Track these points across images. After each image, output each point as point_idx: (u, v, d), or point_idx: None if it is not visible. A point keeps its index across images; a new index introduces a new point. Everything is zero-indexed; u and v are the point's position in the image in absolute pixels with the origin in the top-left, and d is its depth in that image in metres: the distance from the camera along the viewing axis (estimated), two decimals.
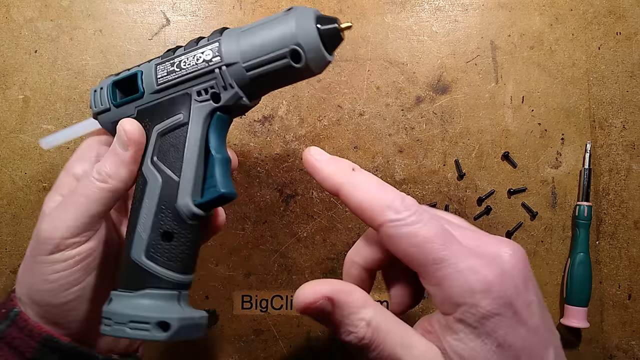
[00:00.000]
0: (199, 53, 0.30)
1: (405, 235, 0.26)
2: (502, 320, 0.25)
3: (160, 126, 0.32)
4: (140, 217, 0.30)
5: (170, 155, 0.31)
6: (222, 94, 0.30)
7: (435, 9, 0.48)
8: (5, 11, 0.46)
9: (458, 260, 0.25)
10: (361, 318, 0.26)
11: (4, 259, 0.46)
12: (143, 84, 0.32)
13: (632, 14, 0.48)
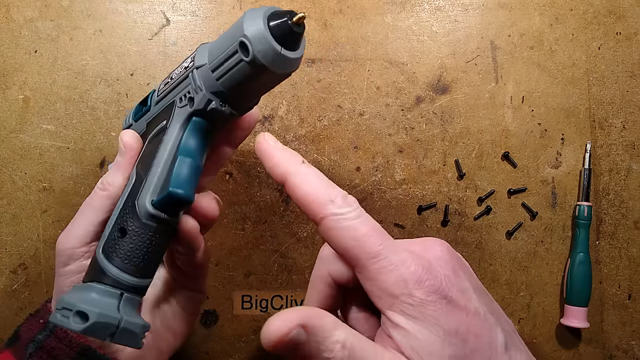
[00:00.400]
0: (184, 62, 0.33)
1: (345, 229, 0.27)
2: (439, 307, 0.26)
3: (151, 133, 0.34)
4: (112, 215, 0.31)
5: (147, 157, 0.32)
6: (195, 97, 0.30)
7: (435, 9, 0.48)
8: (5, 11, 0.46)
9: (392, 254, 0.27)
10: (335, 340, 0.25)
11: (4, 259, 0.46)
12: (150, 99, 0.35)
13: (632, 14, 0.48)
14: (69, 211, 0.46)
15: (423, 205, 0.47)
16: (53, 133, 0.46)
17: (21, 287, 0.46)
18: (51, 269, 0.46)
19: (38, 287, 0.46)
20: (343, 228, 0.27)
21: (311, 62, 0.47)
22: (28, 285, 0.46)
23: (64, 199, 0.46)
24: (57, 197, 0.46)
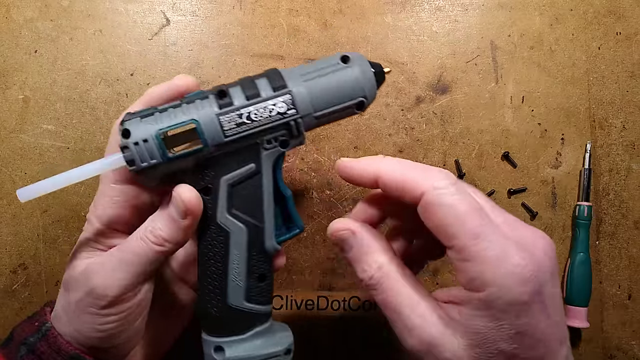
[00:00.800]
0: (270, 105, 0.30)
1: (446, 204, 0.26)
2: (528, 309, 0.25)
3: (230, 177, 0.31)
4: (230, 267, 0.31)
5: (249, 204, 0.32)
6: (291, 141, 0.32)
7: (435, 9, 0.48)
8: (5, 11, 0.46)
9: (495, 240, 0.25)
10: (375, 260, 0.29)
11: (4, 259, 0.46)
12: (204, 135, 0.30)
13: (632, 14, 0.48)
14: (69, 211, 0.46)
15: None
16: (53, 133, 0.46)
17: (21, 287, 0.46)
18: (51, 268, 0.46)
19: (38, 287, 0.46)
20: (443, 204, 0.26)
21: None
22: (28, 285, 0.46)
23: (64, 199, 0.46)
24: (57, 197, 0.46)
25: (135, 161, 0.29)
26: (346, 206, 0.47)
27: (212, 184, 0.31)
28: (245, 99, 0.30)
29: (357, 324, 0.47)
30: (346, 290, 0.47)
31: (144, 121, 0.30)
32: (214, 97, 0.30)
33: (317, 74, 0.31)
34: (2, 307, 0.45)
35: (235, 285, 0.31)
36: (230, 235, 0.31)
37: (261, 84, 0.31)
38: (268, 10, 0.47)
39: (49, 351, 0.31)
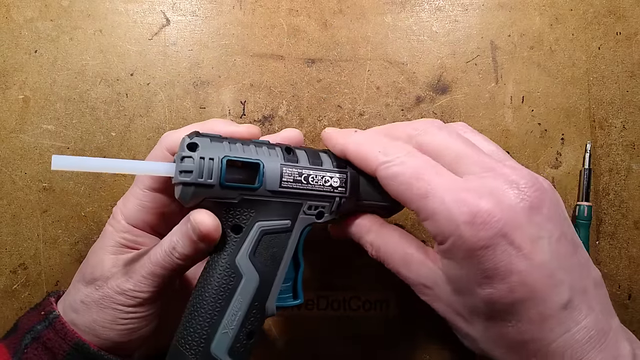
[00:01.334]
0: (327, 176, 0.33)
1: (393, 175, 0.29)
2: (493, 253, 0.26)
3: (266, 225, 0.32)
4: (227, 313, 0.30)
5: (270, 257, 0.32)
6: (326, 215, 0.34)
7: (435, 9, 0.48)
8: (5, 11, 0.46)
9: (445, 193, 0.27)
10: (365, 241, 0.34)
11: (4, 259, 0.46)
12: (264, 177, 0.31)
13: (632, 14, 0.48)
14: (69, 211, 0.46)
15: None
16: (53, 133, 0.46)
17: (21, 287, 0.46)
18: (51, 268, 0.46)
19: (38, 287, 0.46)
20: (391, 175, 0.29)
21: (311, 62, 0.47)
22: (28, 285, 0.46)
23: (64, 199, 0.46)
24: (57, 197, 0.46)
25: (192, 173, 0.29)
26: None
27: (246, 224, 0.31)
28: (309, 163, 0.33)
29: (357, 324, 0.47)
30: (346, 290, 0.47)
31: (213, 144, 0.30)
32: (280, 150, 0.33)
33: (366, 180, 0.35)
34: (2, 307, 0.45)
35: (224, 334, 0.30)
36: (241, 280, 0.31)
37: (324, 158, 0.34)
38: (268, 10, 0.47)
39: (56, 338, 0.32)
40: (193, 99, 0.46)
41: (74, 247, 0.46)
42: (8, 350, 0.32)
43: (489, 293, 0.26)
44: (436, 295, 0.30)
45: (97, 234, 0.46)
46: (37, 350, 0.32)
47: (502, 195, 0.26)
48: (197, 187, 0.30)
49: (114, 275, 0.33)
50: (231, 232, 0.31)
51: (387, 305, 0.47)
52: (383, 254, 0.32)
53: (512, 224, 0.26)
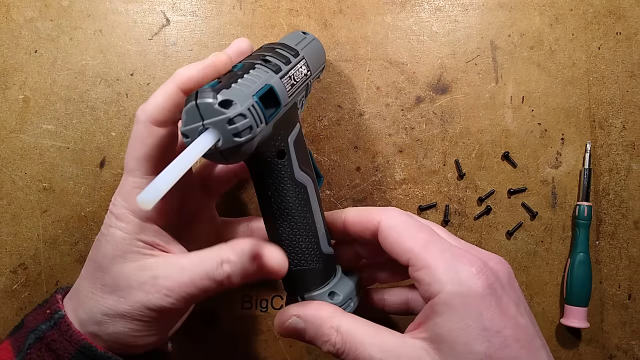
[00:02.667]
0: (299, 66, 0.34)
1: (399, 224, 0.31)
2: (488, 303, 0.26)
3: (292, 136, 0.33)
4: (316, 219, 0.34)
5: (305, 158, 0.34)
6: (304, 100, 0.36)
7: (435, 9, 0.48)
8: (5, 11, 0.46)
9: (445, 247, 0.29)
10: (330, 326, 0.29)
11: (4, 259, 0.46)
12: (280, 97, 0.30)
13: (632, 14, 0.48)
14: (69, 211, 0.46)
15: (423, 205, 0.47)
16: (53, 133, 0.46)
17: (21, 287, 0.46)
18: (51, 268, 0.46)
19: (38, 287, 0.46)
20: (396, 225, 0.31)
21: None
22: (28, 285, 0.46)
23: (64, 199, 0.46)
24: (57, 197, 0.46)
25: (251, 129, 0.27)
26: (346, 206, 0.47)
27: (284, 146, 0.32)
28: (285, 65, 0.33)
29: None
30: None
31: (232, 89, 0.27)
32: (263, 65, 0.31)
33: (303, 45, 0.37)
34: (2, 307, 0.45)
35: (323, 234, 0.34)
36: (307, 189, 0.33)
37: (285, 52, 0.34)
38: (268, 10, 0.47)
39: (60, 339, 0.30)
40: None
41: (74, 247, 0.46)
42: (12, 348, 0.31)
43: (486, 348, 0.26)
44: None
45: (97, 234, 0.46)
46: (40, 351, 0.30)
47: (490, 262, 0.29)
48: (255, 139, 0.28)
49: (142, 288, 0.29)
50: (278, 160, 0.32)
51: None
52: (352, 339, 0.29)
53: (499, 284, 0.27)
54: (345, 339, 0.29)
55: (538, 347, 0.27)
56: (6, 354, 0.31)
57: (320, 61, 0.39)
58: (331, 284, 0.34)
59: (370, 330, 0.29)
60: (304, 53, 0.36)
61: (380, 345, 0.28)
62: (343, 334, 0.29)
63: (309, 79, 0.36)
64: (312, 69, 0.36)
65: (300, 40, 0.37)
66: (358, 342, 0.28)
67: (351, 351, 0.28)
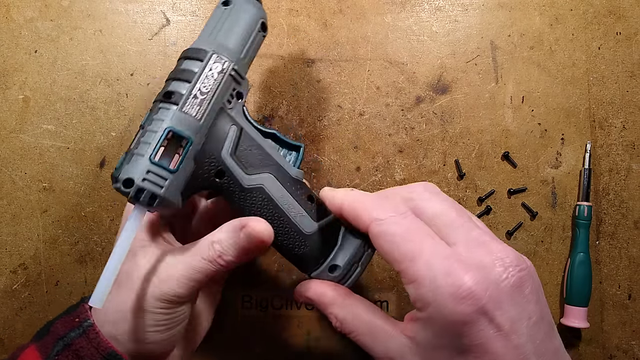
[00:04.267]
0: (208, 71, 0.32)
1: (386, 233, 0.29)
2: (471, 329, 0.25)
3: (227, 148, 0.33)
4: (285, 209, 0.34)
5: (256, 156, 0.34)
6: (241, 89, 0.34)
7: (435, 9, 0.48)
8: (5, 11, 0.46)
9: (434, 260, 0.27)
10: (330, 312, 0.33)
11: (4, 259, 0.46)
12: (184, 132, 0.30)
13: (632, 14, 0.48)
14: (69, 211, 0.46)
15: None
16: (53, 133, 0.46)
17: (21, 287, 0.46)
18: (51, 268, 0.46)
19: (38, 287, 0.46)
20: (383, 233, 0.29)
21: (311, 62, 0.47)
22: (28, 285, 0.46)
23: (64, 199, 0.46)
24: (57, 197, 0.46)
25: (154, 196, 0.29)
26: None
27: (219, 164, 0.32)
28: (188, 83, 0.32)
29: None
30: None
31: (131, 162, 0.30)
32: (163, 102, 0.31)
33: (219, 27, 0.34)
34: (2, 307, 0.45)
35: (301, 217, 0.34)
36: (264, 189, 0.33)
37: (188, 65, 0.33)
38: (268, 10, 0.47)
39: (88, 347, 0.31)
40: None
41: (74, 247, 0.46)
42: (40, 353, 0.32)
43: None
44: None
45: (97, 234, 0.46)
46: (67, 358, 0.31)
47: (488, 271, 0.26)
48: (169, 192, 0.30)
49: (146, 280, 0.32)
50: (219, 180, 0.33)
51: (387, 305, 0.47)
52: (348, 327, 0.31)
53: (494, 302, 0.25)
54: (343, 325, 0.32)
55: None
56: (34, 359, 0.32)
57: (251, 26, 0.35)
58: (331, 256, 0.35)
59: (365, 320, 0.31)
60: (217, 42, 0.33)
61: (372, 335, 0.30)
62: (341, 322, 0.32)
63: (229, 69, 0.33)
64: (235, 52, 0.33)
65: (214, 28, 0.34)
66: (354, 330, 0.31)
67: (350, 335, 0.32)
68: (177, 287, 0.31)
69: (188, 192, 0.32)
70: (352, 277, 0.35)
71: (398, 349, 0.29)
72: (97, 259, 0.46)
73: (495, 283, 0.26)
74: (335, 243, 0.35)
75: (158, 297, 0.31)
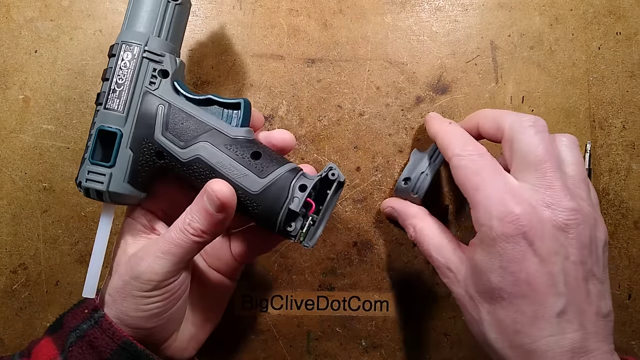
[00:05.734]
0: (120, 63, 0.34)
1: (461, 167, 0.35)
2: (513, 249, 0.31)
3: (158, 130, 0.33)
4: (226, 174, 0.33)
5: (190, 126, 0.34)
6: (164, 66, 0.34)
7: (435, 9, 0.48)
8: (5, 11, 0.46)
9: (492, 191, 0.32)
10: (410, 223, 0.40)
11: (4, 259, 0.46)
12: (114, 126, 0.33)
13: (632, 14, 0.48)
14: (69, 211, 0.46)
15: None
16: (53, 133, 0.46)
17: (21, 287, 0.46)
18: (51, 268, 0.46)
19: (38, 287, 0.46)
20: (459, 166, 0.35)
21: (311, 62, 0.47)
22: (28, 285, 0.46)
23: (64, 199, 0.46)
24: (57, 197, 0.46)
25: (99, 192, 0.33)
26: (346, 206, 0.47)
27: (155, 145, 0.33)
28: (106, 80, 0.34)
29: (357, 324, 0.47)
30: (346, 290, 0.47)
31: (81, 167, 0.34)
32: (96, 104, 0.34)
33: (127, 14, 0.35)
34: (2, 307, 0.45)
35: (244, 178, 0.33)
36: (200, 157, 0.33)
37: (109, 63, 0.34)
38: (268, 10, 0.47)
39: (103, 337, 0.32)
40: None
41: (74, 247, 0.46)
42: (55, 345, 0.33)
43: (499, 281, 0.31)
44: (456, 278, 0.35)
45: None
46: (81, 348, 0.32)
47: (538, 209, 0.31)
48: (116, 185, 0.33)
49: (129, 260, 0.34)
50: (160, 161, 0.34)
51: (387, 305, 0.47)
52: (421, 237, 0.38)
53: (536, 231, 0.30)
54: (418, 235, 0.39)
55: (556, 293, 0.30)
56: (51, 352, 0.33)
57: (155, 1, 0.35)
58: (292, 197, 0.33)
59: (437, 235, 0.37)
60: (126, 33, 0.34)
61: (439, 248, 0.37)
62: (417, 232, 0.39)
63: (140, 54, 0.34)
64: (144, 34, 0.34)
65: (125, 17, 0.35)
66: (425, 241, 0.38)
67: (420, 245, 0.38)
68: (154, 262, 0.32)
69: (138, 179, 0.34)
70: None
71: (456, 262, 0.35)
72: None
73: (540, 219, 0.31)
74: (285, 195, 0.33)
75: (136, 276, 0.32)
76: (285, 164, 0.34)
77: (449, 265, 0.35)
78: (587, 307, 0.31)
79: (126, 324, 0.33)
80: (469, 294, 0.34)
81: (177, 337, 0.37)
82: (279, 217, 0.33)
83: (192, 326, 0.38)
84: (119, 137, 0.33)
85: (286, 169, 0.34)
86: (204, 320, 0.39)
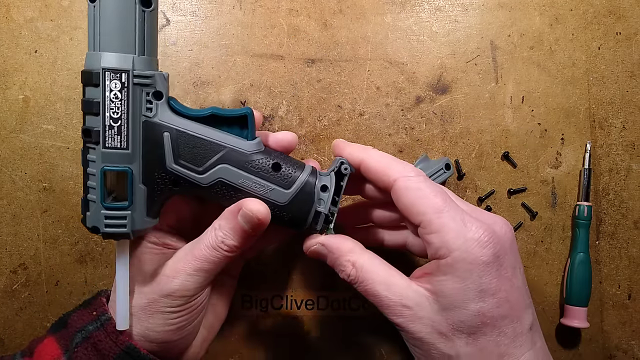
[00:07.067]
0: (109, 94, 0.30)
1: (414, 187, 0.32)
2: (490, 269, 0.29)
3: (169, 158, 0.32)
4: (253, 191, 0.33)
5: (202, 152, 0.32)
6: (156, 87, 0.32)
7: (435, 9, 0.48)
8: (5, 11, 0.46)
9: (456, 214, 0.31)
10: (347, 260, 0.33)
11: (4, 259, 0.46)
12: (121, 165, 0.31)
13: (632, 14, 0.48)
14: (69, 211, 0.46)
15: None
16: (53, 133, 0.46)
17: (21, 287, 0.46)
18: (51, 269, 0.46)
19: (38, 287, 0.46)
20: (412, 187, 0.32)
21: (311, 62, 0.47)
22: (28, 285, 0.46)
23: (64, 199, 0.46)
24: (57, 197, 0.46)
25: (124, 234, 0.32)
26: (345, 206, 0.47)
27: (170, 175, 0.32)
28: (97, 116, 0.30)
29: (357, 324, 0.47)
30: (346, 290, 0.47)
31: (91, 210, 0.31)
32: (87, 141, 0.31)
33: (97, 31, 0.30)
34: (2, 307, 0.45)
35: (271, 192, 0.33)
36: (223, 180, 0.33)
37: (90, 93, 0.31)
38: (268, 10, 0.47)
39: (107, 340, 0.33)
40: (193, 99, 0.46)
41: (74, 247, 0.46)
42: (59, 345, 0.33)
43: (480, 307, 0.29)
44: (416, 316, 0.31)
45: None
46: (86, 350, 0.32)
47: (496, 227, 0.31)
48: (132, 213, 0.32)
49: (157, 279, 0.33)
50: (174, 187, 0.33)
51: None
52: (363, 274, 0.33)
53: (503, 250, 0.30)
54: (358, 273, 0.33)
55: (526, 305, 0.31)
56: (54, 351, 0.33)
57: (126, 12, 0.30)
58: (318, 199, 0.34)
59: (381, 270, 0.33)
60: (104, 54, 0.30)
61: (388, 285, 0.32)
62: (358, 269, 0.33)
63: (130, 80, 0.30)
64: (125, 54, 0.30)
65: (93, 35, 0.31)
66: (369, 278, 0.32)
67: (362, 284, 0.33)
68: (186, 280, 0.33)
69: (154, 209, 0.33)
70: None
71: (414, 297, 0.31)
72: (97, 259, 0.46)
73: (500, 237, 0.31)
74: (312, 200, 0.34)
75: (168, 295, 0.32)
76: (304, 168, 0.35)
77: (405, 303, 0.31)
78: (534, 312, 0.32)
79: (150, 339, 0.33)
80: (438, 331, 0.30)
81: (192, 343, 0.37)
82: (307, 220, 0.34)
83: (203, 328, 0.38)
84: (129, 176, 0.31)
85: (307, 174, 0.34)
86: (212, 321, 0.39)
